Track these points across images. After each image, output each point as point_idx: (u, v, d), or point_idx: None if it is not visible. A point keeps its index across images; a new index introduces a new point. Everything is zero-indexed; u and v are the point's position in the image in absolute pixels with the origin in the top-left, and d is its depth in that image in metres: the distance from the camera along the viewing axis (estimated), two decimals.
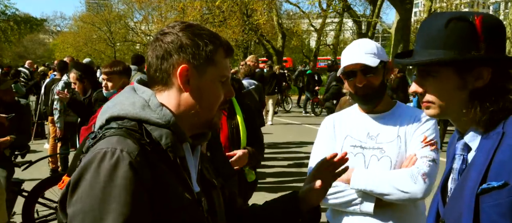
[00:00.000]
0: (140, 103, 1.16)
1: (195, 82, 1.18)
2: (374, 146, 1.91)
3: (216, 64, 1.20)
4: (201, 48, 1.17)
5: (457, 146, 1.29)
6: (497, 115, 1.16)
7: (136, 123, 1.13)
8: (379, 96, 1.93)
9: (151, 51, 1.20)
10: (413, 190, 1.76)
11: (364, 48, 1.89)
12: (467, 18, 1.18)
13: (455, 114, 1.25)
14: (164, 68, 1.18)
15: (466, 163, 1.25)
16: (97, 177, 1.01)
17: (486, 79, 1.18)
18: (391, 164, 1.87)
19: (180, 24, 1.20)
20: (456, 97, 1.21)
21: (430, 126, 1.92)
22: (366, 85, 1.87)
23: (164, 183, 1.10)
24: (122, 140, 1.07)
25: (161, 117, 1.15)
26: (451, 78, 1.20)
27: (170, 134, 1.14)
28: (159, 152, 1.12)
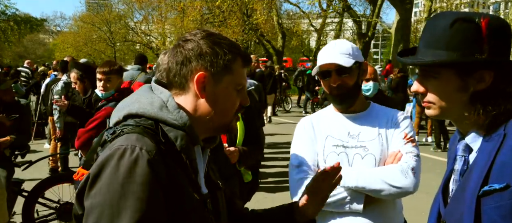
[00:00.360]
0: (158, 104, 1.19)
1: (211, 89, 1.22)
2: (357, 145, 1.92)
3: (233, 73, 1.24)
4: (220, 57, 1.21)
5: (458, 147, 1.28)
6: (498, 117, 1.16)
7: (153, 122, 1.17)
8: (353, 96, 1.96)
9: (171, 56, 1.24)
10: (405, 185, 1.80)
11: (339, 49, 1.92)
12: (473, 20, 1.17)
13: (456, 115, 1.24)
14: (182, 74, 1.22)
15: (468, 164, 1.25)
16: (117, 173, 1.04)
17: (487, 82, 1.17)
18: (375, 161, 1.89)
19: (201, 32, 1.25)
20: (457, 99, 1.21)
21: (408, 123, 1.99)
22: (340, 85, 1.90)
23: (177, 183, 1.13)
24: (141, 138, 1.11)
25: (178, 118, 1.18)
26: (452, 80, 1.20)
27: (185, 136, 1.17)
28: (173, 152, 1.15)
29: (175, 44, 1.26)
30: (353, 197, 1.83)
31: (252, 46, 34.29)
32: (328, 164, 1.90)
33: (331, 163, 1.87)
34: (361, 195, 1.84)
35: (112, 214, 1.02)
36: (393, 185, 1.80)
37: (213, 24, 26.39)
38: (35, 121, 9.27)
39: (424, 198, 5.59)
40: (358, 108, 2.01)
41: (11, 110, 4.26)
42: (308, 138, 2.00)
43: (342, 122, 1.99)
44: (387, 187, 1.80)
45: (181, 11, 27.52)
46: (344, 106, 1.98)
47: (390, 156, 1.90)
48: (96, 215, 1.03)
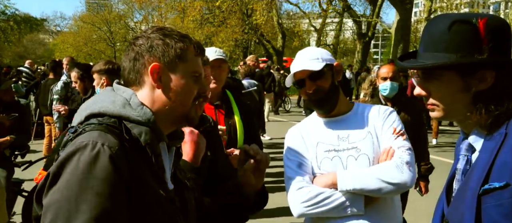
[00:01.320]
0: (120, 102, 1.20)
1: (166, 79, 1.24)
2: (348, 147, 1.92)
3: (187, 61, 1.26)
4: (171, 46, 1.24)
5: (462, 146, 1.29)
6: (501, 117, 1.16)
7: (116, 120, 1.17)
8: (331, 98, 1.96)
9: (124, 56, 1.28)
10: (402, 180, 1.80)
11: (307, 56, 1.96)
12: (470, 21, 1.18)
13: (460, 116, 1.25)
14: (136, 69, 1.24)
15: (470, 164, 1.25)
16: (77, 168, 1.03)
17: (489, 82, 1.17)
18: (369, 160, 1.89)
19: (152, 28, 1.28)
20: (460, 100, 1.22)
21: (395, 117, 1.98)
22: (316, 90, 1.92)
23: (141, 178, 1.14)
24: (103, 134, 1.11)
25: (142, 115, 1.19)
26: (454, 82, 1.20)
27: (149, 131, 1.18)
28: (137, 149, 1.16)
29: (128, 44, 1.29)
30: (352, 200, 1.82)
31: (252, 46, 34.30)
32: (322, 170, 1.91)
33: (326, 169, 1.90)
34: (360, 197, 1.83)
35: (69, 210, 1.01)
36: (390, 182, 1.79)
37: (213, 24, 26.42)
38: (35, 120, 9.27)
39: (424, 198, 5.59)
40: (342, 110, 2.01)
41: (11, 110, 4.26)
42: (299, 147, 2.00)
43: (330, 126, 1.99)
44: (384, 185, 1.79)
45: (181, 11, 27.56)
46: (325, 110, 1.98)
47: (382, 152, 1.90)
48: (53, 212, 1.02)
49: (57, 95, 6.07)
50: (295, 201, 1.86)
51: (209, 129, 1.99)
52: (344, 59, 42.98)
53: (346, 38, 43.67)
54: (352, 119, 2.00)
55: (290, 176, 1.92)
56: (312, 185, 1.87)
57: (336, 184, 1.83)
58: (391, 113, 2.00)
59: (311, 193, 1.83)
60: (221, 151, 2.08)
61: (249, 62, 8.39)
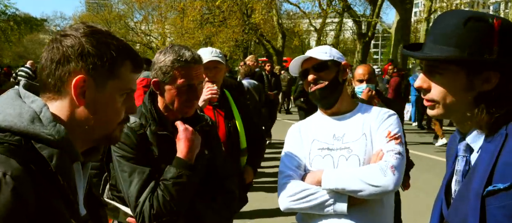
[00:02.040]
0: (28, 115, 1.00)
1: (91, 95, 1.07)
2: (341, 147, 1.94)
3: (119, 78, 1.09)
4: (105, 59, 1.06)
5: (459, 147, 1.28)
6: (501, 118, 1.16)
7: (20, 138, 0.97)
8: (331, 92, 1.97)
9: (46, 52, 1.07)
10: (383, 183, 1.79)
11: (317, 49, 2.04)
12: (487, 20, 1.17)
13: (460, 115, 1.24)
14: (58, 75, 1.05)
15: (469, 164, 1.24)
16: None
17: (493, 83, 1.17)
18: (359, 162, 1.90)
19: (85, 28, 1.08)
20: (461, 98, 1.20)
21: (392, 121, 1.97)
22: (316, 79, 1.94)
23: (49, 208, 0.96)
24: (4, 159, 0.92)
25: (54, 133, 1.00)
26: (458, 78, 1.19)
27: (61, 154, 1.00)
28: (46, 173, 0.98)
29: (52, 38, 1.08)
30: (336, 198, 1.84)
31: (252, 46, 34.29)
32: (313, 168, 1.93)
33: (317, 167, 1.92)
34: (344, 197, 1.84)
35: None
36: (371, 184, 1.79)
37: (213, 24, 26.41)
38: None
39: (424, 198, 5.59)
40: (344, 109, 2.02)
41: None
42: (295, 144, 2.03)
43: (328, 125, 2.01)
44: (366, 186, 1.79)
45: (181, 11, 27.54)
46: (324, 103, 2.00)
47: (374, 155, 1.91)
48: None
49: None
50: (282, 195, 1.91)
51: (206, 128, 1.99)
52: None
53: (346, 38, 43.65)
54: (352, 118, 2.01)
55: (281, 170, 1.98)
56: (298, 181, 1.91)
57: (320, 182, 1.86)
58: (390, 116, 1.99)
59: (296, 188, 1.88)
60: (219, 150, 2.08)
61: (249, 62, 8.39)
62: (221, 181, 1.98)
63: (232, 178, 2.04)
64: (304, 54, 1.99)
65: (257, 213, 5.16)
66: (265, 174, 6.69)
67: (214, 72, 2.76)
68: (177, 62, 1.79)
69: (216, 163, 1.97)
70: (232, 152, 2.85)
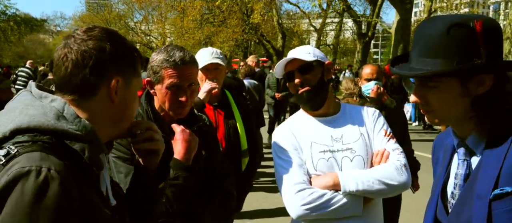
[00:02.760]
0: (53, 114, 1.04)
1: (122, 93, 1.16)
2: (343, 148, 1.92)
3: (138, 76, 1.21)
4: (129, 59, 1.16)
5: (459, 151, 1.27)
6: (501, 119, 1.15)
7: (50, 136, 1.01)
8: (319, 94, 1.95)
9: (75, 54, 1.10)
10: (402, 181, 1.85)
11: (299, 50, 2.00)
12: (467, 24, 1.15)
13: (458, 121, 1.23)
14: (92, 78, 1.10)
15: (470, 168, 1.23)
16: (22, 200, 0.90)
17: (488, 85, 1.16)
18: (363, 162, 1.91)
19: (102, 31, 1.15)
20: (459, 105, 1.20)
21: (383, 120, 2.04)
22: (302, 82, 1.92)
23: (88, 201, 1.03)
24: (45, 156, 0.96)
25: (81, 128, 1.05)
26: (453, 87, 1.18)
27: (91, 147, 1.06)
28: (78, 167, 1.03)
29: (78, 40, 1.12)
30: (353, 201, 1.83)
31: (252, 46, 34.30)
32: (318, 171, 1.89)
33: (322, 170, 1.89)
34: (360, 198, 1.83)
35: None
36: (391, 184, 1.83)
37: (213, 24, 26.41)
38: None
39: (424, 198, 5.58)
40: (331, 111, 2.01)
41: None
42: (292, 147, 1.95)
43: (322, 127, 1.98)
44: (386, 187, 1.82)
45: (181, 11, 27.54)
46: (310, 105, 1.98)
47: (376, 154, 1.93)
48: None
49: None
50: (294, 203, 1.82)
51: (204, 128, 1.98)
52: (344, 59, 43.03)
53: (346, 38, 43.64)
54: (343, 119, 2.00)
55: (284, 176, 1.89)
56: (313, 187, 1.85)
57: (337, 186, 1.82)
58: (379, 115, 2.05)
59: (313, 195, 1.81)
60: (217, 151, 2.07)
61: (250, 62, 8.39)
62: (219, 181, 1.97)
63: (229, 178, 2.03)
64: (289, 57, 1.95)
65: (257, 213, 5.16)
66: (265, 174, 6.69)
67: (214, 73, 2.74)
68: (166, 62, 1.77)
69: (213, 163, 1.96)
70: (233, 153, 2.82)
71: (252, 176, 3.20)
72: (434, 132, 11.32)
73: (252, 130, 3.06)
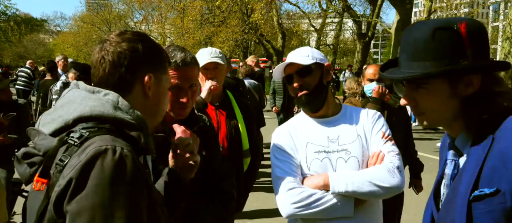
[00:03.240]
0: (110, 105, 1.15)
1: (154, 90, 1.25)
2: (338, 149, 1.93)
3: (166, 73, 1.30)
4: (159, 56, 1.26)
5: (449, 151, 1.29)
6: (488, 121, 1.17)
7: (110, 125, 1.12)
8: (317, 97, 1.95)
9: (105, 54, 1.21)
10: (394, 184, 1.83)
11: (298, 53, 2.00)
12: (451, 27, 1.18)
13: (449, 122, 1.25)
14: (128, 76, 1.21)
15: (458, 168, 1.25)
16: (103, 173, 1.00)
17: (476, 85, 1.18)
18: (358, 163, 1.90)
19: (132, 32, 1.27)
20: (448, 106, 1.22)
21: (383, 122, 2.02)
22: (302, 86, 1.93)
23: (148, 182, 1.13)
24: (115, 138, 1.07)
25: (135, 118, 1.16)
26: (442, 89, 1.21)
27: (145, 135, 1.16)
28: (136, 152, 1.12)
29: (114, 42, 1.23)
30: (342, 202, 1.82)
31: (252, 46, 34.30)
32: (312, 171, 1.90)
33: (316, 170, 1.90)
34: (350, 199, 1.83)
35: (105, 216, 0.99)
36: (382, 186, 1.81)
37: (213, 24, 26.41)
38: (35, 120, 9.26)
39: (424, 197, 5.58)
40: (331, 112, 2.02)
41: (9, 110, 4.25)
42: (288, 147, 1.98)
43: (320, 127, 1.99)
44: (377, 188, 1.81)
45: (181, 11, 27.54)
46: (310, 107, 1.98)
47: (372, 156, 1.92)
48: (86, 219, 0.99)
49: (56, 96, 6.07)
50: (284, 202, 1.85)
51: (205, 129, 1.98)
52: (344, 59, 43.02)
53: (346, 38, 43.65)
54: (342, 120, 2.00)
55: (279, 176, 1.91)
56: (303, 186, 1.86)
57: (327, 186, 1.83)
58: (379, 117, 2.04)
59: (302, 194, 1.82)
60: (217, 151, 2.07)
61: (250, 62, 8.37)
62: (219, 182, 1.96)
63: (230, 179, 2.02)
64: (288, 60, 1.96)
65: (257, 213, 5.16)
66: (265, 174, 6.69)
67: (214, 73, 2.74)
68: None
69: (213, 164, 1.96)
70: (235, 152, 2.83)
71: (253, 176, 3.20)
72: (433, 132, 11.31)
73: (253, 130, 3.06)
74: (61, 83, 6.17)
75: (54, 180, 1.05)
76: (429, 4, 18.41)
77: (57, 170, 1.05)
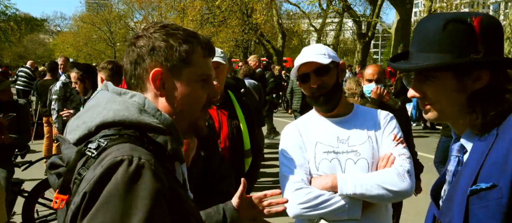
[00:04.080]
0: (135, 108, 1.07)
1: (170, 86, 1.13)
2: (348, 150, 1.89)
3: (193, 65, 1.14)
4: (175, 49, 1.12)
5: (453, 147, 1.28)
6: (495, 117, 1.15)
7: (134, 130, 1.04)
8: (334, 96, 1.92)
9: (125, 57, 1.16)
10: (404, 188, 1.79)
11: (315, 51, 1.92)
12: (465, 20, 1.16)
13: (455, 117, 1.23)
14: (138, 74, 1.13)
15: (461, 164, 1.24)
16: (117, 188, 0.92)
17: (484, 81, 1.16)
18: (368, 165, 1.87)
19: (154, 26, 1.16)
20: (456, 100, 1.19)
21: (395, 123, 1.98)
22: (320, 85, 1.88)
23: (175, 191, 1.04)
24: (134, 147, 0.99)
25: (163, 121, 1.07)
26: (450, 82, 1.18)
27: (173, 140, 1.07)
28: (162, 159, 1.04)
29: (128, 43, 1.17)
30: (350, 204, 1.80)
31: (252, 46, 34.30)
32: (320, 172, 1.87)
33: (324, 171, 1.87)
34: (358, 202, 1.81)
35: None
36: (391, 190, 1.78)
37: (213, 24, 26.40)
38: (35, 120, 9.27)
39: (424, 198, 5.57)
40: (342, 112, 1.97)
41: (9, 110, 4.25)
42: (297, 145, 1.94)
43: (330, 127, 1.96)
44: (385, 192, 1.78)
45: (181, 11, 27.55)
46: (327, 108, 1.94)
47: (382, 158, 1.88)
48: None
49: (55, 96, 6.07)
50: (292, 202, 1.82)
51: None
52: (344, 59, 43.01)
53: (346, 38, 43.66)
54: (353, 121, 1.96)
55: (287, 175, 1.89)
56: (311, 187, 1.84)
57: (335, 187, 1.81)
58: (392, 118, 1.99)
59: (310, 195, 1.80)
60: (216, 151, 2.06)
61: (250, 62, 8.37)
62: (217, 182, 1.96)
63: (229, 179, 2.02)
64: (305, 59, 1.88)
65: None
66: (265, 174, 6.69)
67: (215, 72, 2.74)
68: None
69: (212, 164, 1.96)
70: (236, 152, 2.83)
71: (255, 176, 3.20)
72: (433, 132, 11.31)
73: (255, 130, 3.06)
74: (61, 83, 6.17)
75: (73, 196, 0.98)
76: (429, 4, 18.41)
77: (76, 184, 0.98)
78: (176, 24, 1.19)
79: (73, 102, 5.97)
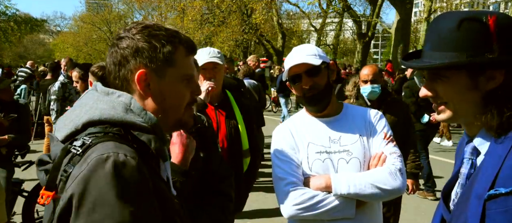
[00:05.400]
0: (121, 107, 1.10)
1: (155, 86, 1.16)
2: (340, 149, 1.91)
3: (176, 64, 1.17)
4: (158, 50, 1.14)
5: (466, 149, 1.25)
6: (508, 118, 1.12)
7: (119, 128, 1.07)
8: (326, 97, 1.94)
9: (108, 57, 1.18)
10: (396, 186, 1.83)
11: (305, 51, 1.94)
12: (480, 19, 1.13)
13: (468, 117, 1.21)
14: (122, 75, 1.15)
15: (475, 167, 1.22)
16: (107, 183, 0.94)
17: (498, 81, 1.13)
18: (360, 164, 1.89)
19: (136, 27, 1.17)
20: (469, 99, 1.17)
21: (385, 122, 2.01)
22: (312, 86, 1.89)
23: (159, 188, 1.07)
24: (119, 145, 1.01)
25: (147, 120, 1.10)
26: (463, 81, 1.16)
27: (157, 138, 1.10)
28: (146, 157, 1.07)
29: (111, 44, 1.19)
30: (344, 204, 1.82)
31: (252, 46, 34.29)
32: (313, 172, 1.89)
33: (317, 171, 1.88)
34: (352, 201, 1.83)
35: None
36: (384, 189, 1.81)
37: (213, 24, 26.40)
38: (35, 120, 9.27)
39: (423, 197, 5.58)
40: (333, 112, 2.00)
41: (9, 110, 4.25)
42: (289, 146, 1.95)
43: (321, 127, 1.97)
44: (379, 191, 1.80)
45: (181, 11, 27.52)
46: (318, 108, 1.96)
47: (373, 157, 1.91)
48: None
49: (54, 96, 6.09)
50: (286, 203, 1.83)
51: (203, 129, 1.98)
52: (344, 59, 43.00)
53: (346, 38, 43.66)
54: (343, 120, 1.99)
55: (280, 176, 1.89)
56: (305, 188, 1.85)
57: (329, 187, 1.82)
58: (381, 117, 2.02)
59: (304, 196, 1.81)
60: (215, 152, 2.05)
61: (250, 62, 8.38)
62: (217, 183, 1.95)
63: (228, 180, 2.01)
64: (297, 60, 1.89)
65: (257, 213, 5.16)
66: (265, 174, 6.69)
67: (212, 73, 2.73)
68: None
69: (211, 165, 1.95)
70: (234, 153, 2.82)
71: (253, 176, 3.20)
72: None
73: (253, 130, 3.06)
74: (59, 83, 6.18)
75: (60, 193, 1.00)
76: (429, 4, 18.42)
77: (62, 181, 1.00)
78: (158, 23, 1.21)
79: (72, 102, 5.98)
